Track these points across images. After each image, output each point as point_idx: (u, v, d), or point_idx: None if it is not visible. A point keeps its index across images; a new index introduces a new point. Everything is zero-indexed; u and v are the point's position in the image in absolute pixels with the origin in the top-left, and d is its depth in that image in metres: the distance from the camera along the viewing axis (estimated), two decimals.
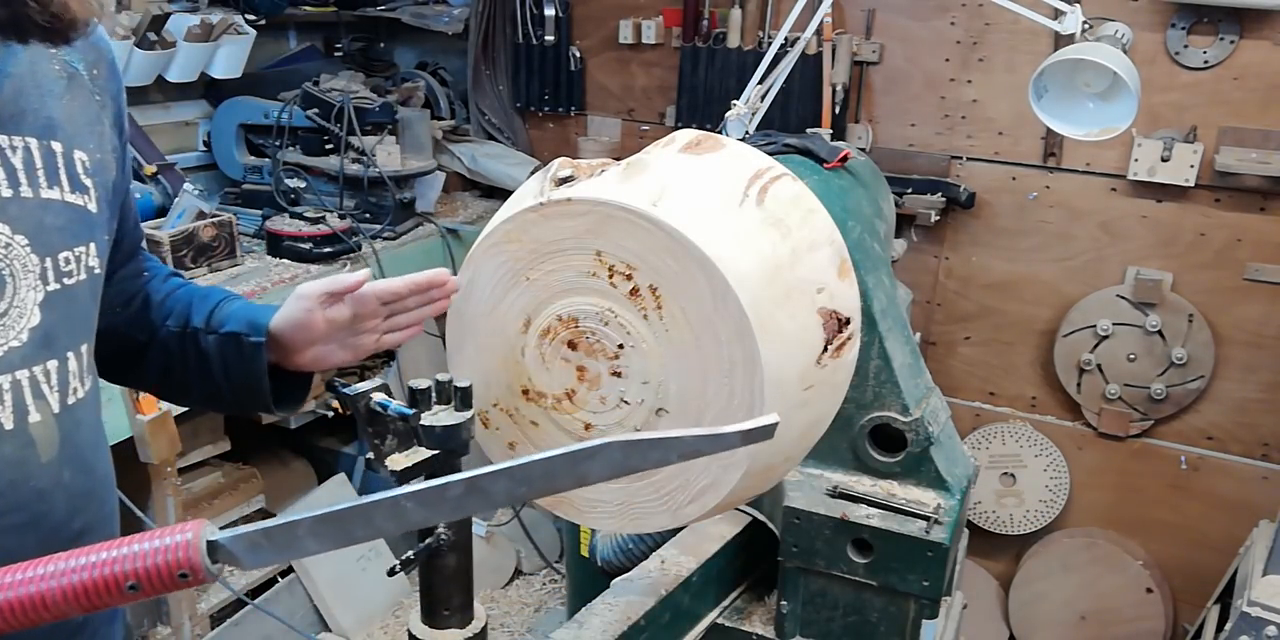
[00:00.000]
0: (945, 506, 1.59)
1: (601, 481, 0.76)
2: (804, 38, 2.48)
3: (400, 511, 0.73)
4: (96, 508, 1.00)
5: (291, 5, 3.49)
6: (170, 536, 0.73)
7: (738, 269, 1.02)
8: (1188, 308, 3.00)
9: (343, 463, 3.53)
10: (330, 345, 1.16)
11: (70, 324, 0.94)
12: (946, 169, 3.23)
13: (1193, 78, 2.86)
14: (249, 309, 1.17)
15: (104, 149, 0.99)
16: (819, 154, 1.84)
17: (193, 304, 1.17)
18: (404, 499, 0.73)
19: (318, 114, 3.05)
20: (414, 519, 0.74)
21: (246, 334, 1.13)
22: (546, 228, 1.10)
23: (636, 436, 0.74)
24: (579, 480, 0.75)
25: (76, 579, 0.71)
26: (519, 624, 3.41)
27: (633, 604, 1.47)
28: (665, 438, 0.74)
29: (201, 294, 1.20)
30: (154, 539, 0.74)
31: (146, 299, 1.17)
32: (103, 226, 0.98)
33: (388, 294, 1.13)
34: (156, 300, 1.18)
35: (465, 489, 0.73)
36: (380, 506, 0.73)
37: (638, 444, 0.74)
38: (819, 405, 1.14)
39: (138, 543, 0.73)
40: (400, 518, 0.73)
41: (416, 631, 1.13)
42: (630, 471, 0.76)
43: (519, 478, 0.74)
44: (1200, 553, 3.12)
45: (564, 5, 3.62)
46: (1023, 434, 3.30)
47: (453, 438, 1.07)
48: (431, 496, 0.73)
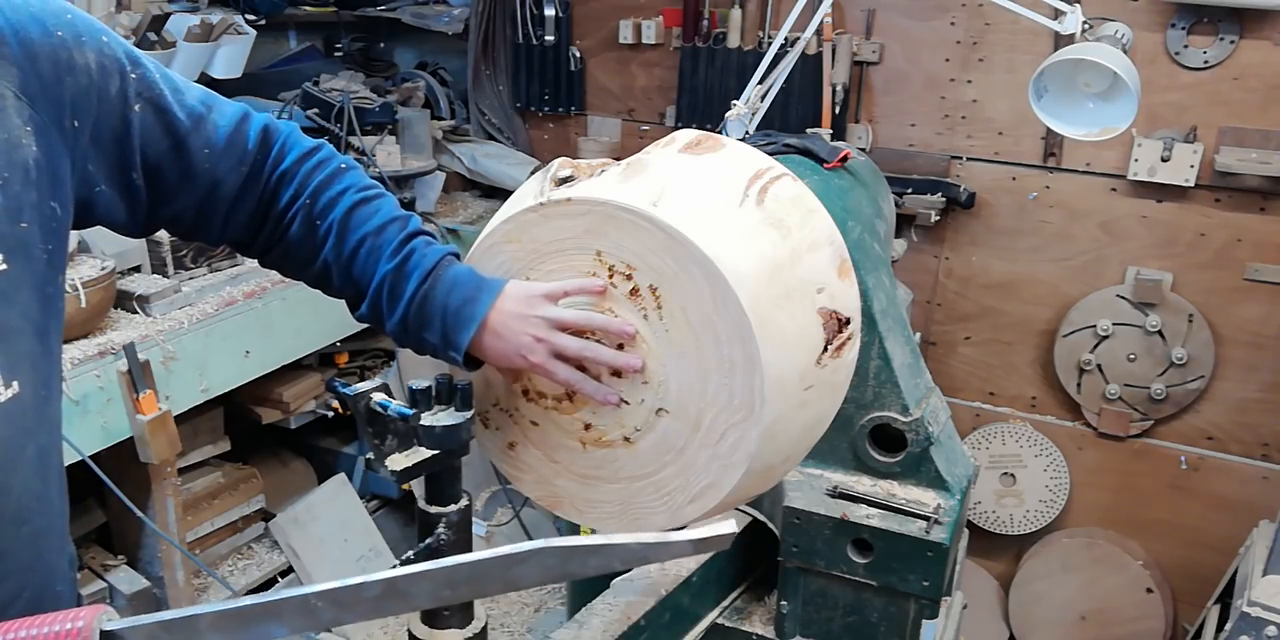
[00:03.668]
0: (945, 506, 1.59)
1: (535, 586, 0.71)
2: (804, 38, 2.48)
3: (310, 610, 0.68)
4: (10, 541, 0.86)
5: (291, 5, 3.49)
6: (62, 624, 0.68)
7: (738, 269, 1.02)
8: (1188, 308, 3.00)
9: (343, 463, 3.52)
10: None
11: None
12: (946, 169, 3.23)
13: (1193, 78, 2.86)
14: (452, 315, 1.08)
15: (7, 127, 0.84)
16: (819, 154, 1.83)
17: (384, 289, 1.09)
18: (314, 598, 0.68)
19: (318, 114, 3.05)
20: (325, 618, 0.69)
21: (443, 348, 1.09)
22: (546, 228, 1.10)
23: (574, 542, 0.69)
24: (509, 585, 0.70)
25: None
26: (519, 624, 3.41)
27: (633, 604, 1.47)
28: (607, 544, 0.69)
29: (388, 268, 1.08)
30: (44, 626, 0.68)
31: (309, 224, 1.08)
32: (12, 215, 0.84)
33: None
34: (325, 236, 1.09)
35: (383, 590, 0.69)
36: (288, 604, 0.68)
37: (576, 550, 0.69)
38: (819, 405, 1.14)
39: (25, 629, 0.68)
40: (310, 616, 0.69)
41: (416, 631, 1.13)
42: (569, 578, 0.71)
43: (443, 581, 0.69)
44: (1200, 553, 3.12)
45: (564, 5, 3.62)
46: (1023, 434, 3.29)
47: (453, 438, 1.07)
48: (345, 596, 0.68)
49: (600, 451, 1.14)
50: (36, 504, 0.89)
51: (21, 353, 0.86)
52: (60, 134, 0.89)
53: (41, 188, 0.87)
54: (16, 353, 0.85)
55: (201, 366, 2.54)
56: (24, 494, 0.87)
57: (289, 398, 3.08)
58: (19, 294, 0.86)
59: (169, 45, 2.94)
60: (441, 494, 1.13)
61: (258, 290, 2.70)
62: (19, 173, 0.85)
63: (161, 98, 0.98)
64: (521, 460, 1.20)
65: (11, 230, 0.84)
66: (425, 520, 1.12)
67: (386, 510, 3.60)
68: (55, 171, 0.89)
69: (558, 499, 1.21)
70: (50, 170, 0.88)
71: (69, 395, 2.16)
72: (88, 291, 2.22)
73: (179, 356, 2.46)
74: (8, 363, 0.84)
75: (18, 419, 0.86)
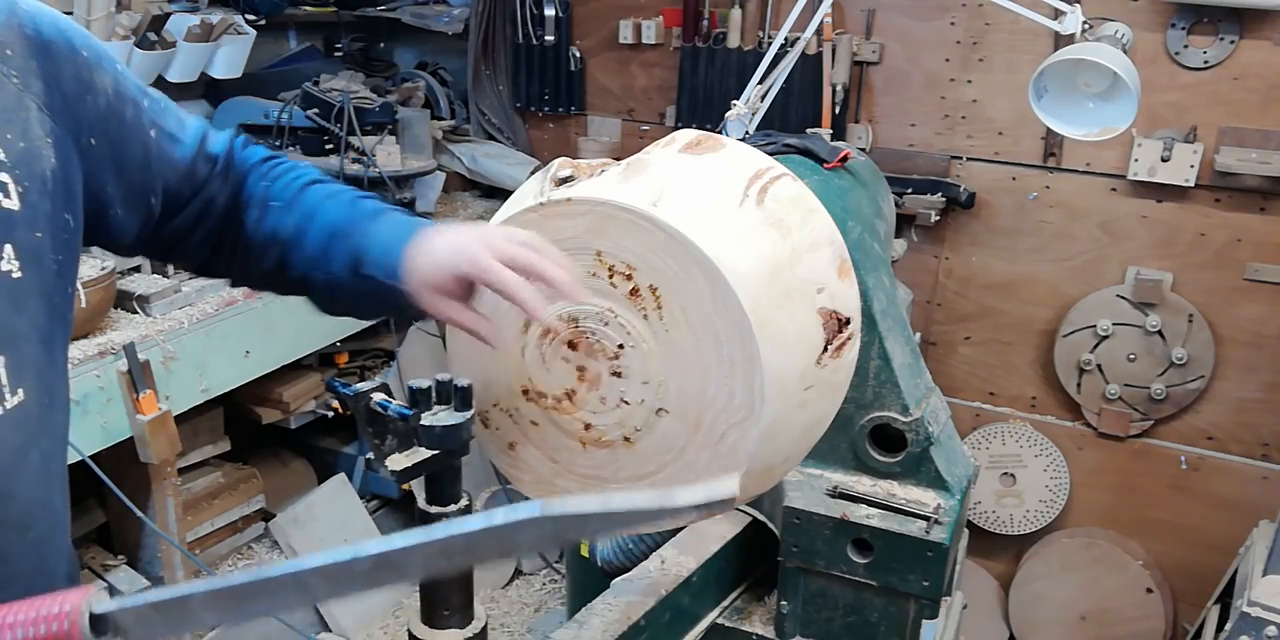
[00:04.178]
0: (945, 506, 1.59)
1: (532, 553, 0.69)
2: (804, 38, 2.48)
3: (302, 586, 0.67)
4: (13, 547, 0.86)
5: (291, 5, 3.49)
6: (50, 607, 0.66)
7: (738, 269, 1.02)
8: (1188, 308, 3.00)
9: (343, 463, 3.52)
10: None
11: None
12: (946, 169, 3.23)
13: (1193, 78, 2.86)
14: (385, 250, 1.04)
15: (30, 137, 0.88)
16: (819, 154, 1.83)
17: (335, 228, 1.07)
18: (307, 574, 0.67)
19: (318, 114, 3.05)
20: (318, 594, 0.68)
21: (381, 258, 1.04)
22: (546, 228, 1.10)
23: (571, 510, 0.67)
24: (505, 553, 0.69)
25: None
26: (519, 624, 3.41)
27: (633, 604, 1.47)
28: (605, 512, 0.67)
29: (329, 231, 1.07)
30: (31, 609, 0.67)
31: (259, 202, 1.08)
32: (30, 224, 0.87)
33: None
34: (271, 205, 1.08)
35: (374, 564, 0.67)
36: (280, 581, 0.67)
37: (574, 518, 0.67)
38: (819, 405, 1.14)
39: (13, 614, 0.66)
40: (303, 592, 0.68)
41: (416, 632, 1.13)
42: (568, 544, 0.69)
43: (436, 552, 0.67)
44: (1200, 553, 3.12)
45: (564, 5, 3.62)
46: (1023, 434, 3.29)
47: (453, 438, 1.07)
48: (337, 572, 0.67)
49: (600, 451, 1.14)
50: (40, 511, 0.89)
51: (27, 361, 0.87)
52: (77, 149, 0.92)
53: (56, 199, 0.90)
54: (22, 360, 0.86)
55: (201, 366, 2.54)
56: (28, 501, 0.87)
57: (289, 398, 3.08)
58: (29, 302, 0.87)
59: (169, 45, 2.94)
60: (441, 494, 1.13)
61: None
62: (38, 183, 0.87)
63: (168, 125, 1.04)
64: (521, 460, 1.20)
65: (28, 239, 0.87)
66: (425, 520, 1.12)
67: (386, 510, 3.60)
68: (70, 185, 0.92)
69: None
70: (66, 183, 0.91)
71: None
72: (88, 291, 2.22)
73: (179, 356, 2.46)
74: (14, 370, 0.85)
75: (22, 426, 0.86)
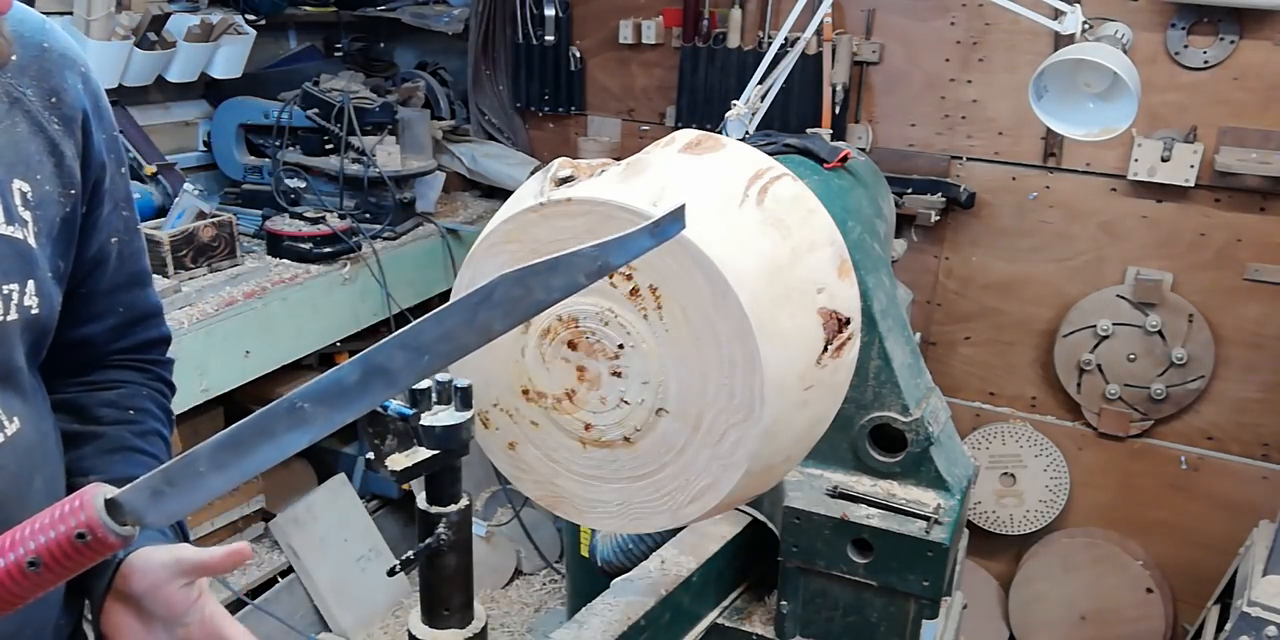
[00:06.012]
0: (945, 506, 1.59)
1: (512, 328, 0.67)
2: (804, 38, 2.48)
3: (300, 416, 0.66)
4: None
5: (291, 5, 3.49)
6: (63, 507, 0.68)
7: (738, 269, 1.02)
8: (1188, 308, 3.00)
9: (343, 463, 3.52)
10: None
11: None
12: (946, 169, 3.23)
13: (1193, 78, 2.86)
14: None
15: (54, 181, 0.90)
16: (819, 154, 1.83)
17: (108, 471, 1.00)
18: (298, 400, 0.66)
19: (318, 114, 3.05)
20: (318, 423, 0.67)
21: None
22: (546, 228, 1.10)
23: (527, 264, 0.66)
24: (483, 332, 0.66)
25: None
26: (519, 624, 3.41)
27: (633, 604, 1.47)
28: (561, 256, 0.65)
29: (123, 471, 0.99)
30: (46, 516, 0.68)
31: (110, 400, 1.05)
32: (44, 264, 0.89)
33: None
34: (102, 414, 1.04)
35: (362, 372, 0.66)
36: (276, 415, 0.66)
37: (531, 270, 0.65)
38: (819, 405, 1.14)
39: (29, 525, 0.68)
40: (302, 422, 0.66)
41: (416, 631, 1.13)
42: (540, 307, 0.67)
43: (414, 345, 0.66)
44: (1200, 553, 3.12)
45: (564, 5, 3.62)
46: (1023, 434, 3.29)
47: (453, 438, 1.07)
48: (328, 391, 0.66)
49: (600, 451, 1.14)
50: None
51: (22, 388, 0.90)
52: (82, 194, 0.96)
53: (57, 245, 0.93)
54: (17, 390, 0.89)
55: (201, 366, 2.54)
56: None
57: None
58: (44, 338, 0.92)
59: (169, 45, 2.94)
60: (441, 494, 1.12)
61: (258, 290, 2.70)
62: (45, 226, 0.90)
63: (129, 198, 1.06)
64: (521, 460, 1.20)
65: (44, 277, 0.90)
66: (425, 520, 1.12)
67: (386, 510, 3.60)
68: (71, 231, 0.95)
69: (558, 499, 1.21)
70: (68, 231, 0.95)
71: None
72: None
73: (179, 357, 2.44)
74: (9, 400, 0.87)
75: (24, 453, 0.88)
